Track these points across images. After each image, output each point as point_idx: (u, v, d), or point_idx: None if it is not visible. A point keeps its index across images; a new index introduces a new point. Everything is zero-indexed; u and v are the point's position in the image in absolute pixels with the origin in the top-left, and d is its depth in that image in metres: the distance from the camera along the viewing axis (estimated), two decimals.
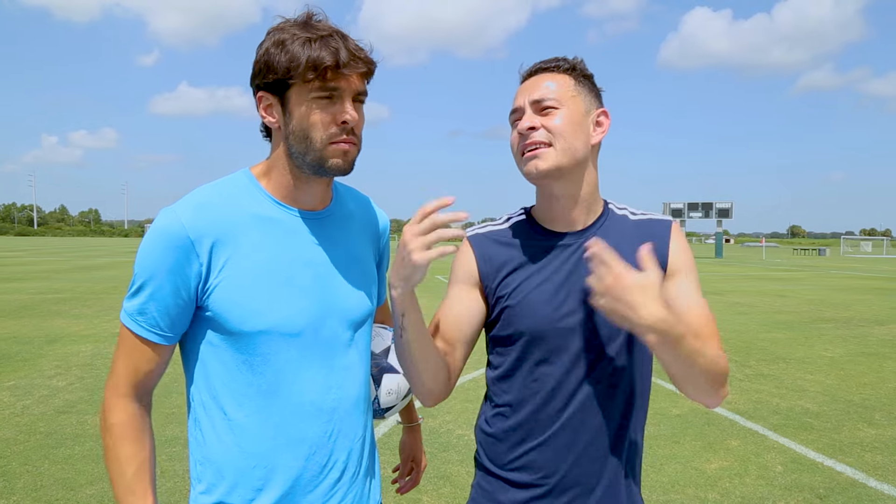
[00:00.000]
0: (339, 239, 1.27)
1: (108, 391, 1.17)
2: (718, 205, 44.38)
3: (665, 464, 4.03)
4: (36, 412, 4.97)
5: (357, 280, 1.28)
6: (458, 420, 4.90)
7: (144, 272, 1.12)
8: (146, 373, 1.16)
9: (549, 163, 1.22)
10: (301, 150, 1.15)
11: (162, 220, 1.14)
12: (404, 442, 1.70)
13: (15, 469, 3.83)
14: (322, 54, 1.09)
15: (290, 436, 1.18)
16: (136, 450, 1.16)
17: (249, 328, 1.13)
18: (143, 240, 1.15)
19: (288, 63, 1.10)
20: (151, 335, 1.14)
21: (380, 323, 1.55)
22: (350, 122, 1.14)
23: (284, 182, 1.21)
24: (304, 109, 1.13)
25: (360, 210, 1.37)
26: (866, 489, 3.65)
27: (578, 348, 1.23)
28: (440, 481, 3.72)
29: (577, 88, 1.26)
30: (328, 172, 1.17)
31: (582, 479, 1.25)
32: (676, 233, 1.32)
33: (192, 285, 1.13)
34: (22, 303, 11.84)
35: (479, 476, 1.35)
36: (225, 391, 1.17)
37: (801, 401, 5.53)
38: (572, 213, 1.29)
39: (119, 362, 1.16)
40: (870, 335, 9.11)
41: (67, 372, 6.30)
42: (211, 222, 1.13)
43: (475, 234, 1.36)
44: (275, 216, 1.19)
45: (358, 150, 1.19)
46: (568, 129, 1.22)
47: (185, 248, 1.11)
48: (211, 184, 1.22)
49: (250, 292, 1.13)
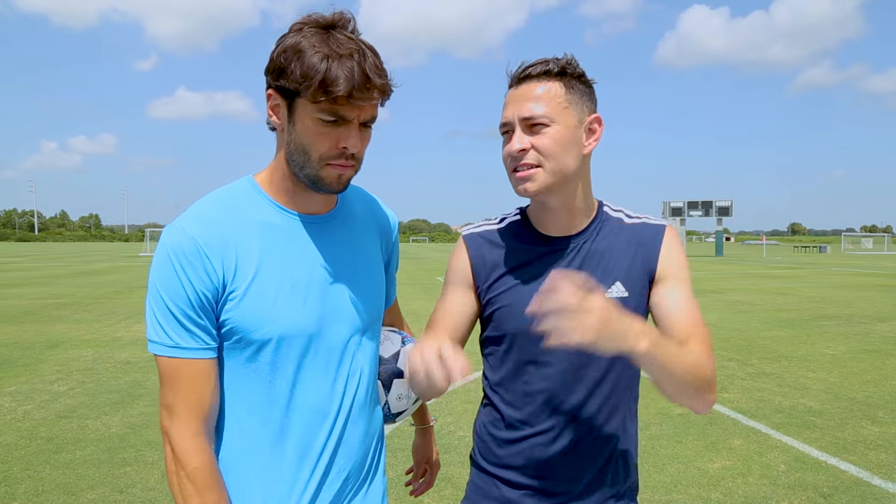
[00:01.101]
0: (345, 242, 1.25)
1: (177, 434, 1.09)
2: (718, 203, 44.36)
3: (667, 464, 4.02)
4: (37, 417, 4.96)
5: (364, 283, 1.26)
6: (458, 421, 4.89)
7: (167, 292, 1.09)
8: (209, 396, 1.12)
9: (538, 185, 1.22)
10: (298, 161, 1.12)
11: (170, 237, 1.11)
12: (417, 444, 1.68)
13: (16, 474, 3.82)
14: (337, 77, 1.03)
15: (297, 442, 1.17)
16: (221, 495, 1.12)
17: (258, 337, 1.12)
18: (156, 261, 1.12)
19: (301, 77, 1.05)
20: (200, 353, 1.11)
21: (389, 326, 1.53)
22: (351, 149, 1.11)
23: (287, 187, 1.18)
24: (307, 124, 1.09)
25: (367, 210, 1.35)
26: (870, 487, 3.63)
27: (568, 351, 1.23)
28: (441, 483, 3.71)
29: (569, 97, 1.22)
30: (321, 190, 1.15)
31: (573, 481, 1.28)
32: (669, 237, 1.31)
33: (212, 299, 1.11)
34: (23, 308, 11.84)
35: (473, 473, 1.39)
36: (232, 399, 1.16)
37: (803, 399, 5.51)
38: (565, 220, 1.30)
39: (177, 400, 1.10)
40: (872, 332, 9.09)
41: (68, 377, 6.29)
42: (218, 234, 1.11)
43: (470, 234, 1.38)
44: (279, 223, 1.18)
45: (356, 171, 1.17)
46: (558, 149, 1.20)
47: (200, 261, 1.09)
48: (212, 194, 1.20)
49: (258, 301, 1.12)
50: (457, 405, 5.30)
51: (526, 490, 1.29)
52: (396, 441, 4.31)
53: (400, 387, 1.40)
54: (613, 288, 1.26)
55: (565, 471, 1.27)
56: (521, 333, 1.26)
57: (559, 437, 1.26)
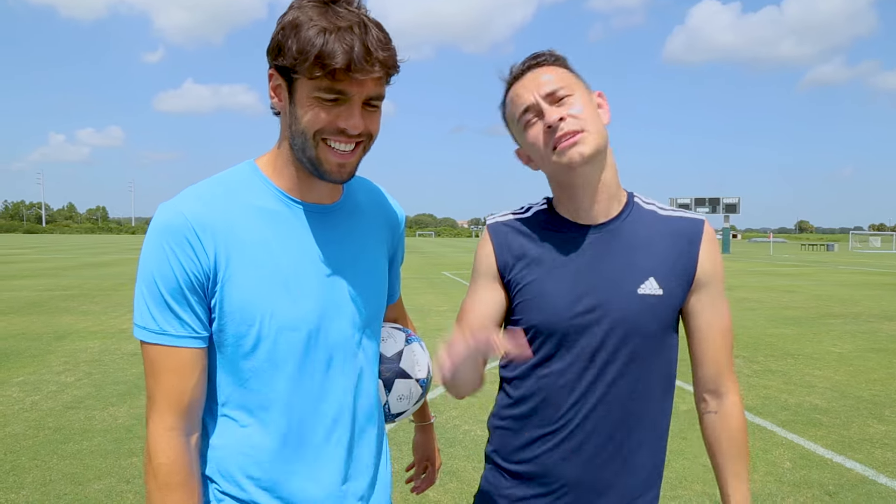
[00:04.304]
0: (349, 234, 1.19)
1: (152, 425, 1.03)
2: (726, 200, 44.14)
3: (672, 459, 4.01)
4: (44, 408, 4.99)
5: (367, 278, 1.21)
6: (464, 416, 4.89)
7: (156, 273, 1.03)
8: (191, 389, 1.05)
9: (591, 146, 1.17)
10: (299, 143, 1.06)
11: (163, 215, 1.05)
12: (418, 442, 1.62)
13: (24, 464, 3.85)
14: (334, 50, 0.96)
15: (296, 443, 1.12)
16: (185, 497, 1.03)
17: (254, 331, 1.06)
18: (146, 241, 1.05)
19: (297, 53, 0.98)
20: (185, 341, 1.04)
21: (391, 322, 1.48)
22: (350, 131, 1.03)
23: (290, 174, 1.12)
24: (306, 105, 1.02)
25: (372, 202, 1.29)
26: (876, 486, 3.62)
27: (594, 346, 1.20)
28: (446, 477, 3.72)
29: (572, 75, 1.24)
30: (323, 177, 1.09)
31: (590, 483, 1.22)
32: (709, 235, 1.26)
33: (203, 282, 1.04)
34: (31, 300, 11.91)
35: (487, 468, 1.35)
36: (229, 398, 1.11)
37: (809, 397, 5.50)
38: (595, 203, 1.24)
39: (156, 389, 1.04)
40: (879, 331, 9.05)
41: (76, 368, 6.33)
42: (214, 216, 1.05)
43: (495, 223, 1.33)
44: (280, 211, 1.11)
45: (363, 153, 1.10)
46: (590, 112, 1.20)
47: (191, 242, 1.03)
48: (212, 178, 1.13)
49: (253, 291, 1.06)
50: (462, 400, 5.30)
51: (541, 487, 1.25)
52: (401, 434, 4.32)
53: (402, 387, 1.35)
54: (646, 284, 1.21)
55: (582, 473, 1.22)
56: (545, 325, 1.21)
57: (579, 438, 1.22)
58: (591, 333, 1.20)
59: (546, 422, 1.23)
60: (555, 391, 1.22)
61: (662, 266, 1.22)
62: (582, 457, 1.22)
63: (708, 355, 1.26)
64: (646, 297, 1.20)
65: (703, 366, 1.27)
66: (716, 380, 1.27)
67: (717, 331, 1.25)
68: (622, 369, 1.20)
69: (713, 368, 1.27)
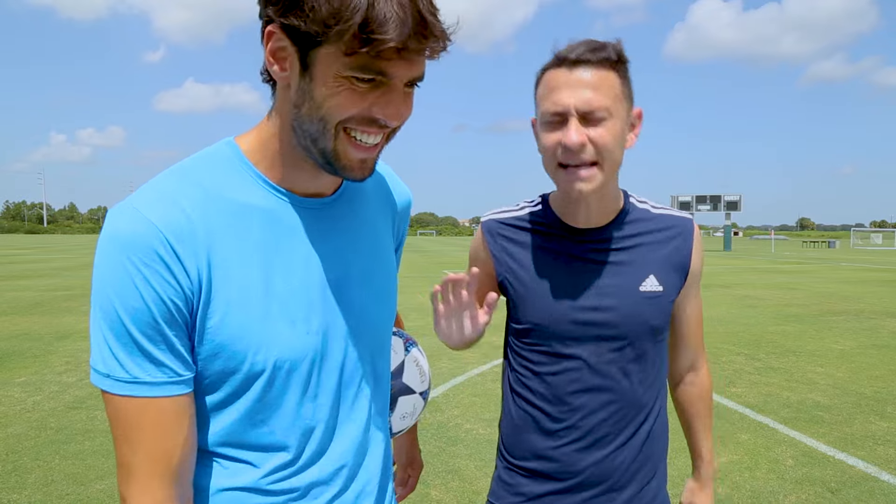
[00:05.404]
0: (354, 231, 0.98)
1: (132, 499, 0.79)
2: (727, 197, 44.11)
3: (674, 457, 4.00)
4: (46, 408, 5.00)
5: (377, 281, 1.01)
6: (466, 414, 4.89)
7: (118, 304, 0.76)
8: (180, 447, 0.81)
9: (594, 185, 1.13)
10: (311, 132, 0.82)
11: (121, 222, 0.78)
12: (400, 447, 1.47)
13: (26, 464, 3.85)
14: (385, 17, 0.71)
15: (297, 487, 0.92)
16: None
17: (245, 365, 0.84)
18: (100, 259, 0.78)
19: (329, 16, 0.72)
20: (166, 388, 0.79)
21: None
22: (387, 121, 0.81)
23: (286, 163, 0.88)
24: (331, 83, 0.77)
25: (378, 186, 1.06)
26: (878, 483, 3.62)
27: (593, 344, 1.23)
28: (448, 475, 3.72)
29: (623, 89, 1.14)
30: (338, 174, 0.86)
31: (604, 478, 1.25)
32: (697, 236, 1.31)
33: (184, 310, 0.80)
34: (32, 300, 11.92)
35: (499, 467, 1.36)
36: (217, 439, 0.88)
37: (811, 394, 5.49)
38: (595, 211, 1.25)
39: (132, 454, 0.79)
40: (881, 328, 9.03)
41: (77, 368, 6.33)
42: (187, 217, 0.80)
43: (489, 221, 1.34)
44: (273, 209, 0.88)
45: (381, 151, 0.89)
46: (616, 146, 1.13)
47: (164, 259, 0.78)
48: (181, 164, 0.87)
49: (242, 316, 0.83)
50: (464, 398, 5.30)
51: (555, 484, 1.26)
52: None
53: (405, 405, 1.26)
54: (647, 282, 1.24)
55: (595, 468, 1.25)
56: (543, 325, 1.24)
57: (587, 433, 1.24)
58: (597, 332, 1.23)
59: (555, 419, 1.26)
60: (561, 388, 1.25)
61: (660, 263, 1.26)
62: (593, 453, 1.25)
63: (689, 339, 1.39)
64: (648, 294, 1.24)
65: (686, 348, 1.40)
66: (694, 360, 1.42)
67: (696, 318, 1.37)
68: (628, 364, 1.24)
69: (693, 350, 1.41)
